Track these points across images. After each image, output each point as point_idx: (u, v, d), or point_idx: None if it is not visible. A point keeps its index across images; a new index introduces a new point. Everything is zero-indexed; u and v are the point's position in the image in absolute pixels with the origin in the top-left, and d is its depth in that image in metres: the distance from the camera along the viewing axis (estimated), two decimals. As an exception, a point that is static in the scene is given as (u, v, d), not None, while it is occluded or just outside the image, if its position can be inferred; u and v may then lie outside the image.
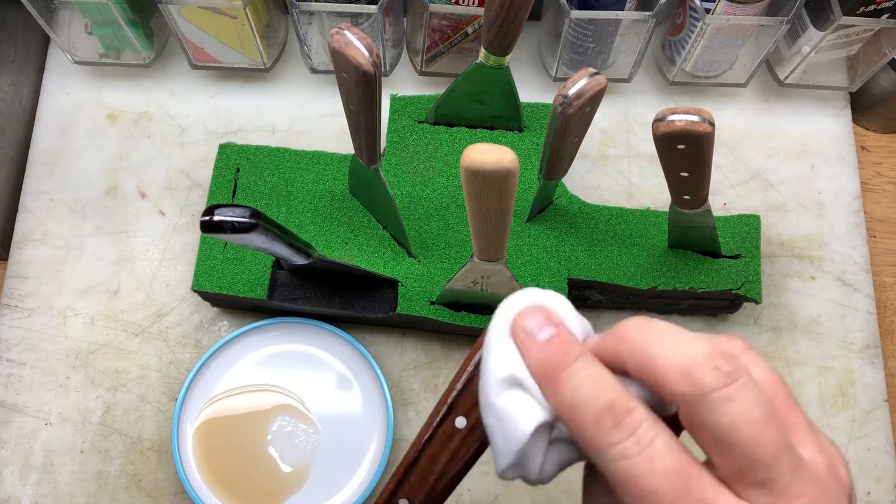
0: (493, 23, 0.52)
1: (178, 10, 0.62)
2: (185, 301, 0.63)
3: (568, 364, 0.28)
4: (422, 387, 0.61)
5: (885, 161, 0.72)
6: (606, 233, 0.60)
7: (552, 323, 0.29)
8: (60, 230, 0.66)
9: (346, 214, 0.60)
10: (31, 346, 0.62)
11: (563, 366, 0.28)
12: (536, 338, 0.29)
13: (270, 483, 0.57)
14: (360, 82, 0.44)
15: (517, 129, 0.63)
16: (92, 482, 0.59)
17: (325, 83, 0.71)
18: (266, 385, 0.59)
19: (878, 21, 0.62)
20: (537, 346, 0.29)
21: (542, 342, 0.29)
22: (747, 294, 0.58)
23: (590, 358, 0.28)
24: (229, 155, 0.61)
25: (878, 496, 0.60)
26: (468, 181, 0.40)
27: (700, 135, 0.43)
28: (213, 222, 0.40)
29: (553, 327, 0.29)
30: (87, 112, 0.70)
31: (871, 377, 0.63)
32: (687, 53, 0.66)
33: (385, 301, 0.59)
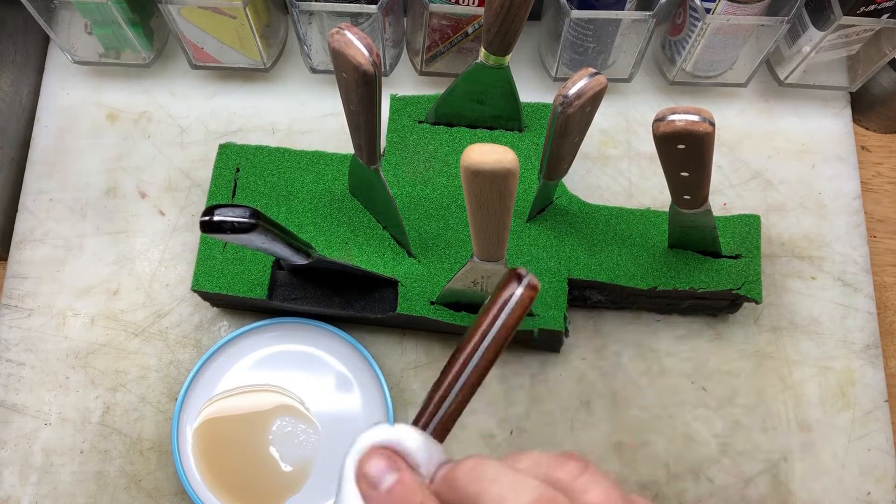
0: (493, 23, 0.52)
1: (178, 10, 0.62)
2: (184, 301, 0.63)
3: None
4: (422, 387, 0.61)
5: (885, 161, 0.72)
6: (606, 233, 0.60)
7: (394, 467, 0.29)
8: (60, 230, 0.66)
9: (346, 214, 0.60)
10: (30, 346, 0.62)
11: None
12: (378, 487, 0.29)
13: (270, 483, 0.57)
14: (360, 82, 0.44)
15: (517, 129, 0.63)
16: (92, 482, 0.59)
17: (325, 83, 0.71)
18: (266, 385, 0.59)
19: (879, 21, 0.62)
20: (379, 495, 0.29)
21: (383, 491, 0.29)
22: (747, 294, 0.58)
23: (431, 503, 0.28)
24: (229, 155, 0.61)
25: (878, 496, 0.60)
26: (468, 181, 0.40)
27: (700, 135, 0.43)
28: (212, 222, 0.40)
29: (395, 472, 0.29)
30: (87, 112, 0.70)
31: (871, 377, 0.63)
32: (687, 53, 0.66)
33: (385, 301, 0.59)
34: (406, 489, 0.29)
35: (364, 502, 0.29)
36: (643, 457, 0.60)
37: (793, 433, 0.61)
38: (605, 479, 0.28)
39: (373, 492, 0.29)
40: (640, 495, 0.28)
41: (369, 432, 0.31)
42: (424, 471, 0.30)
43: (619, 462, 0.60)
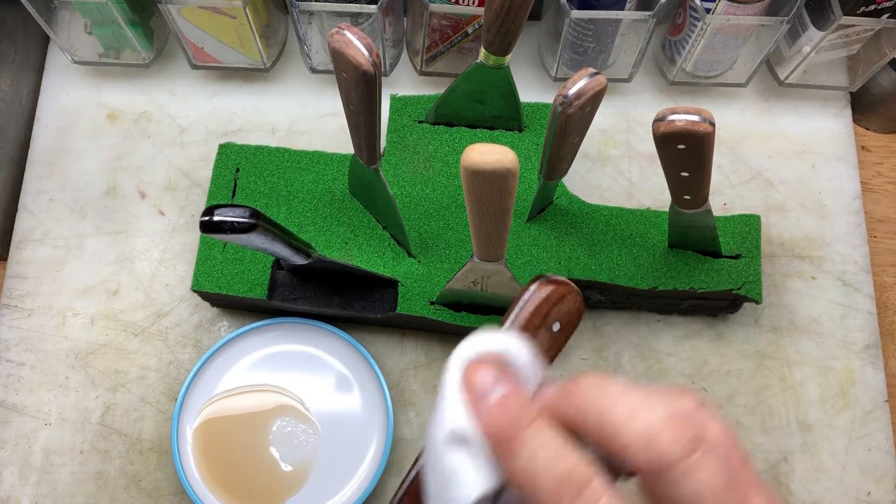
0: (493, 23, 0.52)
1: (178, 10, 0.62)
2: (184, 301, 0.63)
3: (522, 429, 0.27)
4: (422, 387, 0.61)
5: (885, 161, 0.72)
6: (606, 233, 0.60)
7: (504, 380, 0.28)
8: (60, 230, 0.66)
9: (346, 214, 0.60)
10: (30, 346, 0.62)
11: (516, 431, 0.27)
12: (487, 398, 0.28)
13: (270, 483, 0.57)
14: (360, 82, 0.44)
15: (517, 129, 0.63)
16: (91, 482, 0.59)
17: (325, 83, 0.71)
18: (266, 385, 0.59)
19: (879, 21, 0.62)
20: (488, 407, 0.28)
21: (493, 404, 0.28)
22: (748, 294, 0.58)
23: (545, 423, 0.27)
24: (229, 155, 0.61)
25: (879, 496, 0.60)
26: (468, 181, 0.40)
27: (700, 135, 0.43)
28: (212, 222, 0.40)
29: (505, 386, 0.28)
30: (86, 112, 0.70)
31: (871, 377, 0.63)
32: (687, 53, 0.66)
33: (385, 301, 0.59)
34: (515, 404, 0.27)
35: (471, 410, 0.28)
36: (643, 457, 0.60)
37: (793, 433, 0.61)
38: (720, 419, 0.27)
39: (481, 402, 0.28)
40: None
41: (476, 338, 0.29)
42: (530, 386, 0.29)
43: (619, 462, 0.60)
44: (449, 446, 0.28)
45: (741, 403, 0.62)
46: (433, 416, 0.29)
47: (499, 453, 0.27)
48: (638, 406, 0.26)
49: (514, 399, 0.28)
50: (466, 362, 0.29)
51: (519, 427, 0.27)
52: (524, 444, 0.26)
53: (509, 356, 0.29)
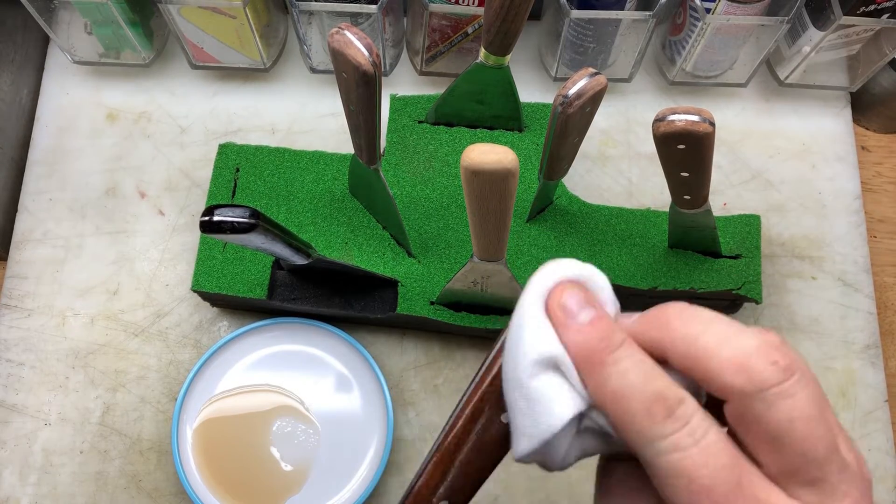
0: (493, 23, 0.52)
1: (178, 10, 0.62)
2: (184, 301, 0.63)
3: (611, 350, 0.26)
4: (422, 387, 0.61)
5: (885, 161, 0.72)
6: (606, 233, 0.60)
7: (591, 303, 0.28)
8: (60, 230, 0.66)
9: (346, 214, 0.60)
10: (30, 346, 0.62)
11: (606, 351, 0.26)
12: (576, 318, 0.27)
13: (270, 483, 0.57)
14: (360, 82, 0.44)
15: (517, 129, 0.63)
16: (91, 482, 0.59)
17: (325, 83, 0.71)
18: (266, 385, 0.59)
19: (879, 21, 0.62)
20: (577, 327, 0.27)
21: (582, 324, 0.27)
22: (748, 294, 0.58)
23: (634, 345, 0.27)
24: (229, 155, 0.61)
25: (879, 496, 0.60)
26: (468, 181, 0.40)
27: (700, 135, 0.43)
28: (212, 222, 0.40)
29: (593, 308, 0.27)
30: (86, 112, 0.70)
31: (871, 377, 0.63)
32: (687, 53, 0.66)
33: (385, 301, 0.59)
34: (606, 325, 0.27)
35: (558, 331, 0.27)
36: (643, 457, 0.60)
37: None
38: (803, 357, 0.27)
39: (570, 321, 0.27)
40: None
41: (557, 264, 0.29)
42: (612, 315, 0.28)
43: (619, 462, 0.60)
44: (536, 370, 0.27)
45: (741, 403, 0.62)
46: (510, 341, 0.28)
47: (588, 374, 0.27)
48: (729, 332, 0.25)
49: (603, 320, 0.27)
50: (549, 286, 0.28)
51: (609, 347, 0.26)
52: (615, 363, 0.26)
53: (592, 283, 0.29)
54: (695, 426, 0.25)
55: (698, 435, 0.24)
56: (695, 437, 0.24)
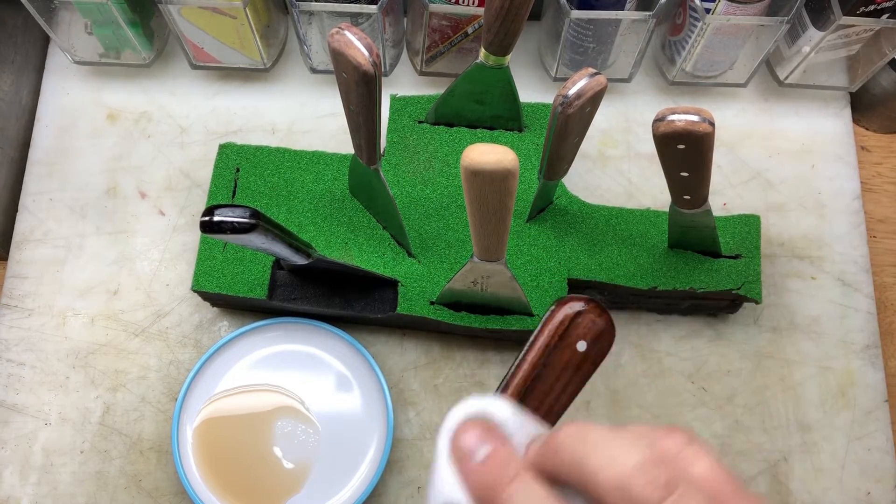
0: (493, 23, 0.52)
1: (178, 10, 0.62)
2: (185, 301, 0.63)
3: (505, 485, 0.27)
4: (422, 387, 0.61)
5: (885, 161, 0.72)
6: (606, 233, 0.60)
7: (489, 438, 0.29)
8: (60, 230, 0.66)
9: (346, 214, 0.60)
10: (31, 346, 0.62)
11: (500, 487, 0.27)
12: (474, 458, 0.29)
13: (270, 483, 0.57)
14: (360, 82, 0.44)
15: (517, 129, 0.63)
16: (92, 482, 0.59)
17: (325, 83, 0.71)
18: (266, 385, 0.59)
19: (878, 21, 0.62)
20: (474, 467, 0.29)
21: (478, 463, 0.29)
22: (747, 294, 0.58)
23: (528, 477, 0.28)
24: (229, 155, 0.61)
25: (878, 496, 0.60)
26: (468, 181, 0.40)
27: (700, 135, 0.43)
28: (212, 223, 0.40)
29: (489, 443, 0.29)
30: (87, 112, 0.70)
31: (871, 377, 0.63)
32: (687, 53, 0.66)
33: (385, 301, 0.59)
34: (500, 460, 0.28)
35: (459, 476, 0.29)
36: (643, 457, 0.60)
37: (793, 433, 0.61)
38: (710, 454, 0.27)
39: (467, 465, 0.29)
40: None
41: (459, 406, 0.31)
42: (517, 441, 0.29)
43: (619, 462, 0.60)
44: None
45: (741, 403, 0.62)
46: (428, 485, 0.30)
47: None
48: (614, 452, 0.26)
49: (498, 455, 0.28)
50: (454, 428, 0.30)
51: (503, 482, 0.27)
52: (508, 498, 0.27)
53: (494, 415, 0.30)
54: None
55: None
56: None
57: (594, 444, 0.26)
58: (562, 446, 0.27)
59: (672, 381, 0.62)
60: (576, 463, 0.26)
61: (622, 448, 0.26)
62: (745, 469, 0.60)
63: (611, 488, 0.25)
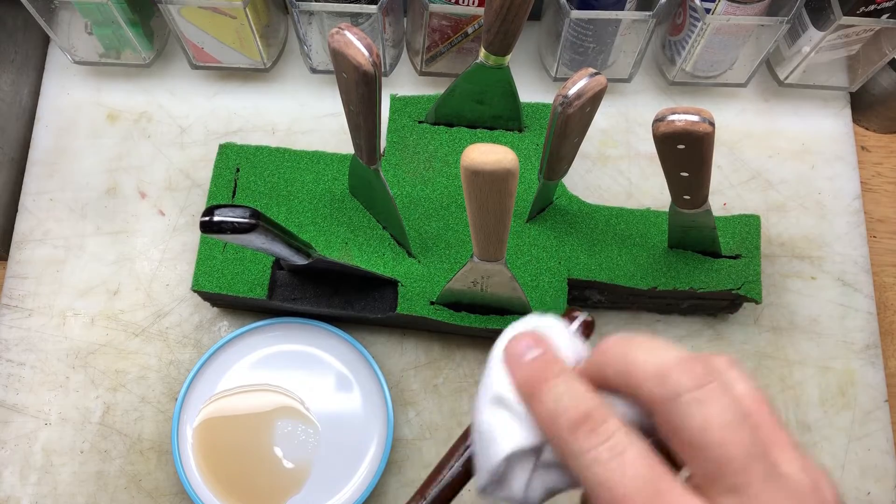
0: (493, 23, 0.52)
1: (178, 10, 0.62)
2: (185, 301, 0.63)
3: (549, 379, 0.29)
4: (422, 387, 0.61)
5: (885, 161, 0.72)
6: (606, 233, 0.60)
7: (540, 344, 0.31)
8: (60, 230, 0.66)
9: (346, 214, 0.60)
10: (31, 346, 0.62)
11: (544, 380, 0.29)
12: (522, 358, 0.30)
13: (270, 483, 0.57)
14: (360, 82, 0.44)
15: (517, 129, 0.63)
16: (92, 482, 0.59)
17: (325, 83, 0.71)
18: (266, 385, 0.59)
19: (878, 21, 0.62)
20: (521, 363, 0.30)
21: (526, 361, 0.30)
22: (747, 294, 0.58)
23: (571, 374, 0.29)
24: (229, 155, 0.61)
25: (878, 496, 0.60)
26: (468, 181, 0.40)
27: (700, 135, 0.43)
28: (212, 223, 0.40)
29: (539, 348, 0.30)
30: (87, 112, 0.70)
31: (871, 377, 0.63)
32: (687, 53, 0.66)
33: (385, 301, 0.59)
34: (547, 360, 0.30)
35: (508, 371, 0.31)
36: (643, 457, 0.60)
37: (792, 433, 0.61)
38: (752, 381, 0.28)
39: (516, 363, 0.30)
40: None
41: (520, 321, 0.33)
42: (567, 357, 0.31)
43: (619, 462, 0.60)
44: (490, 407, 0.30)
45: (741, 403, 0.62)
46: (479, 386, 0.32)
47: (529, 403, 0.29)
48: (657, 349, 0.27)
49: (546, 356, 0.30)
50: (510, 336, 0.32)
51: (547, 377, 0.29)
52: (549, 390, 0.29)
53: (548, 331, 0.32)
54: (616, 442, 0.26)
55: (619, 449, 0.26)
56: (615, 451, 0.26)
57: (639, 344, 0.28)
58: (608, 347, 0.29)
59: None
60: (617, 357, 0.28)
61: (665, 347, 0.27)
62: (745, 469, 0.60)
63: (649, 376, 0.26)
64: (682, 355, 0.27)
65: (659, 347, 0.27)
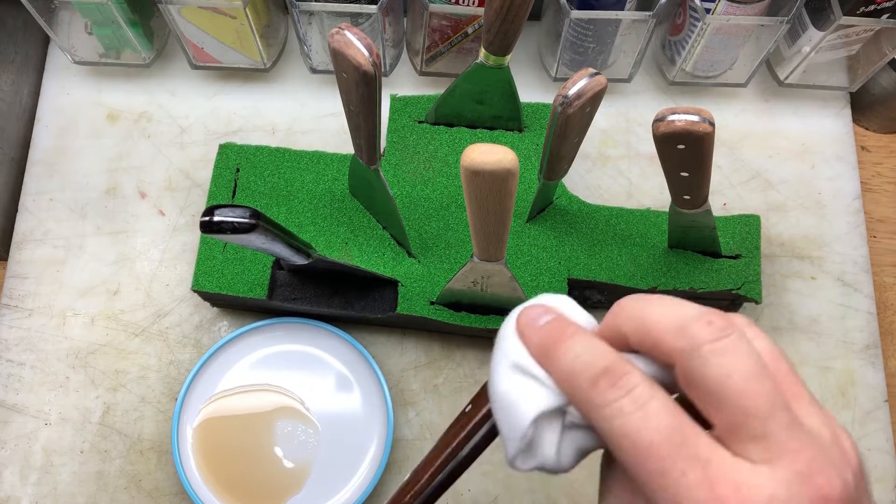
0: (493, 23, 0.52)
1: (178, 10, 0.62)
2: (184, 301, 0.63)
3: (565, 339, 0.28)
4: (422, 387, 0.61)
5: (885, 161, 0.72)
6: (606, 233, 0.60)
7: (550, 312, 0.30)
8: (60, 230, 0.66)
9: (346, 214, 0.60)
10: (31, 346, 0.62)
11: (560, 340, 0.28)
12: (536, 324, 0.30)
13: (270, 483, 0.57)
14: (360, 82, 0.44)
15: (517, 129, 0.63)
16: (92, 482, 0.59)
17: (325, 83, 0.71)
18: (266, 385, 0.59)
19: (878, 21, 0.62)
20: (536, 329, 0.30)
21: (540, 326, 0.30)
22: (747, 294, 0.58)
23: (586, 332, 0.29)
24: (229, 155, 0.61)
25: (878, 496, 0.60)
26: (468, 181, 0.40)
27: (700, 135, 0.43)
28: (212, 223, 0.40)
29: (551, 314, 0.30)
30: (87, 112, 0.70)
31: (871, 377, 0.63)
32: (687, 53, 0.66)
33: (385, 301, 0.59)
34: (561, 322, 0.29)
35: (523, 339, 0.30)
36: (643, 457, 0.60)
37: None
38: (770, 338, 0.28)
39: (529, 330, 0.30)
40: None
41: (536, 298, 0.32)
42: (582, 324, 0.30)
43: (619, 462, 0.60)
44: (508, 375, 0.30)
45: (741, 403, 0.62)
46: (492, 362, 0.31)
47: (546, 365, 0.29)
48: (673, 305, 0.27)
49: (559, 321, 0.30)
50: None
51: (563, 337, 0.28)
52: (567, 349, 0.28)
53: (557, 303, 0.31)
54: (638, 394, 0.26)
55: (642, 401, 0.26)
56: (638, 403, 0.26)
57: (656, 301, 0.28)
58: (623, 305, 0.28)
59: (672, 381, 0.62)
60: (635, 313, 0.28)
61: (682, 303, 0.27)
62: (745, 469, 0.60)
63: (669, 328, 0.26)
64: (701, 309, 0.26)
65: (676, 303, 0.27)
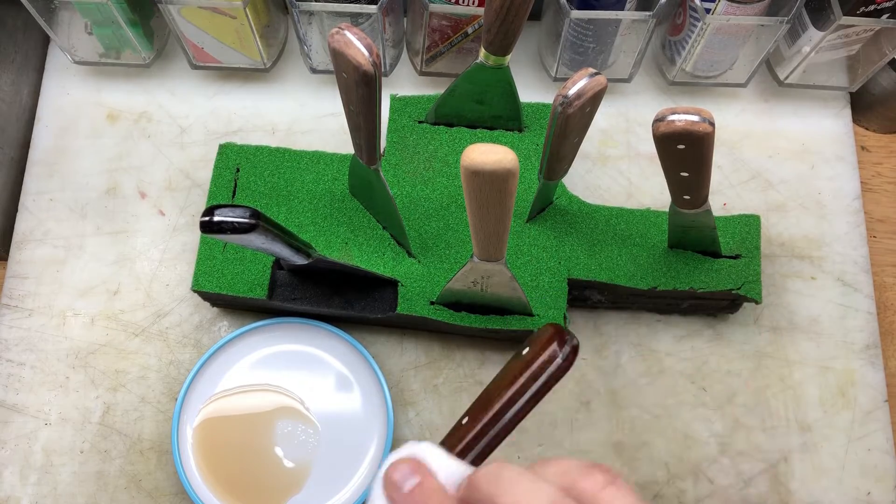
0: (493, 23, 0.52)
1: (178, 10, 0.62)
2: (184, 301, 0.63)
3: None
4: (422, 387, 0.61)
5: (885, 161, 0.72)
6: (606, 233, 0.60)
7: (417, 472, 0.31)
8: (60, 230, 0.66)
9: (346, 214, 0.60)
10: (31, 346, 0.62)
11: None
12: (402, 489, 0.31)
13: (270, 483, 0.57)
14: (360, 82, 0.44)
15: (517, 129, 0.63)
16: (92, 482, 0.59)
17: (325, 83, 0.71)
18: (266, 385, 0.59)
19: (878, 21, 0.62)
20: (402, 496, 0.31)
21: (405, 493, 0.30)
22: (747, 294, 0.58)
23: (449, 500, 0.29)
24: (229, 155, 0.61)
25: (878, 496, 0.60)
26: (468, 181, 0.40)
27: (700, 135, 0.43)
28: (212, 223, 0.40)
29: (417, 476, 0.31)
30: (87, 112, 0.70)
31: (871, 377, 0.63)
32: (687, 53, 0.66)
33: (385, 301, 0.59)
34: (426, 490, 0.30)
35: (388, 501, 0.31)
36: (643, 457, 0.60)
37: (793, 433, 0.61)
38: (631, 495, 0.28)
39: (396, 494, 0.31)
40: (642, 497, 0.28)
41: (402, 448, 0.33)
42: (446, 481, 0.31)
43: (619, 462, 0.60)
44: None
45: (741, 403, 0.62)
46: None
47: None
48: (524, 495, 0.27)
49: (424, 486, 0.30)
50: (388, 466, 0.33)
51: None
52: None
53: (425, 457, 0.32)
54: None
55: None
56: None
57: (506, 485, 0.28)
58: (479, 484, 0.29)
59: (672, 381, 0.62)
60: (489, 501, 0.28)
61: (531, 491, 0.27)
62: (745, 469, 0.60)
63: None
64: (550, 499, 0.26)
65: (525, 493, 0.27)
